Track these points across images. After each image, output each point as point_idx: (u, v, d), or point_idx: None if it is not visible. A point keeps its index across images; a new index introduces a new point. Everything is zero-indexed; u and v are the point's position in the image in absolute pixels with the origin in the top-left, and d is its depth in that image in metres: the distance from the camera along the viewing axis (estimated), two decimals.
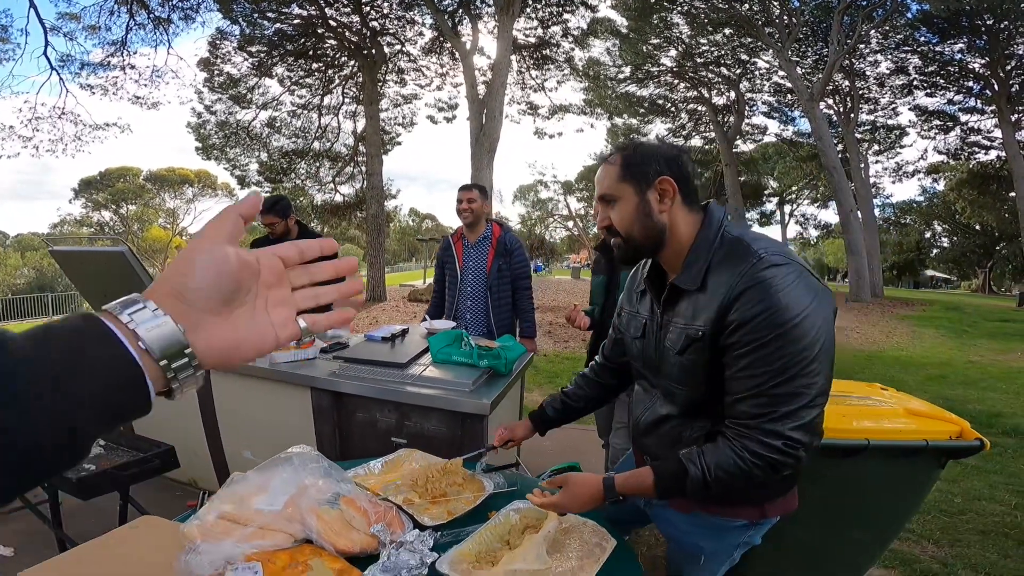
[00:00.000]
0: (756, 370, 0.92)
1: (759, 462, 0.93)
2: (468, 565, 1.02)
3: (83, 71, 13.63)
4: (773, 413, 0.92)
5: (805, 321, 0.90)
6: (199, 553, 0.93)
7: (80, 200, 31.38)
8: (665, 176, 1.03)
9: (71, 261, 2.32)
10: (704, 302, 0.99)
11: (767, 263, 0.93)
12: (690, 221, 1.06)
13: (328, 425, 2.05)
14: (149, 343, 0.35)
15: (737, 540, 1.17)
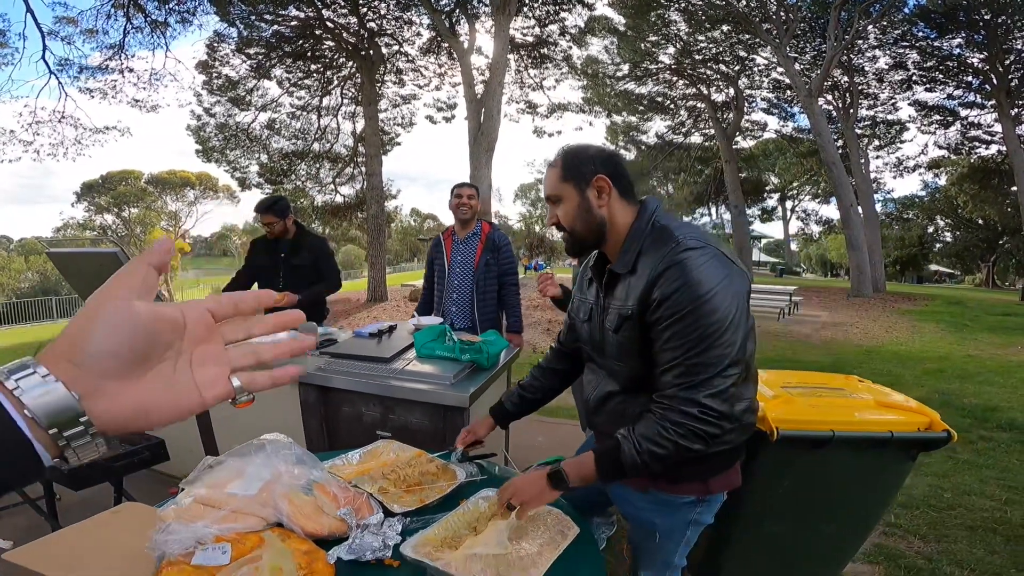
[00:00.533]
0: (675, 342, 1.02)
1: (680, 430, 1.01)
2: (431, 548, 1.06)
3: (82, 75, 13.71)
4: (690, 382, 1.01)
5: (716, 296, 1.00)
6: (170, 533, 0.97)
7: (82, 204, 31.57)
8: (600, 175, 1.15)
9: (68, 263, 2.36)
10: (634, 283, 1.10)
11: (684, 246, 1.03)
12: (626, 213, 1.18)
13: (315, 419, 2.10)
14: (35, 411, 0.33)
15: (687, 517, 1.24)
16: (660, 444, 1.02)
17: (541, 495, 1.11)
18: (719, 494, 1.23)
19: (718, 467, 1.20)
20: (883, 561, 2.25)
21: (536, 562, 1.03)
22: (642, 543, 1.31)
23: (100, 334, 0.36)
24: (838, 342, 8.48)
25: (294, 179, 18.42)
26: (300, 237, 3.20)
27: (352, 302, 13.82)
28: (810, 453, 1.53)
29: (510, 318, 3.06)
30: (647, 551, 1.30)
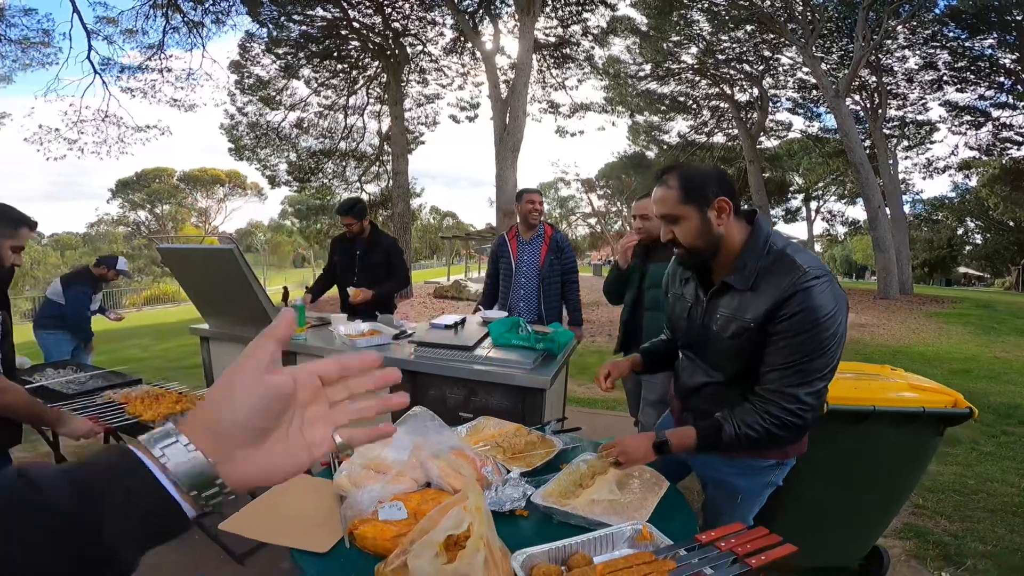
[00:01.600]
0: (791, 351, 1.22)
1: (776, 421, 1.23)
2: (555, 498, 1.30)
3: (123, 74, 14.20)
4: (796, 381, 1.22)
5: (831, 320, 1.20)
6: (358, 496, 1.20)
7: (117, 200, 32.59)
8: (723, 197, 1.28)
9: (176, 258, 2.65)
10: (752, 300, 1.27)
11: (810, 275, 1.21)
12: (740, 231, 1.32)
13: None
14: (179, 476, 0.38)
15: (766, 479, 1.46)
16: (755, 429, 1.24)
17: (646, 456, 1.33)
18: (793, 458, 1.45)
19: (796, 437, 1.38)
20: (913, 537, 2.48)
21: (643, 504, 1.26)
22: (724, 504, 1.51)
23: (234, 407, 0.41)
24: (864, 342, 8.54)
25: (321, 177, 18.87)
26: (374, 237, 3.50)
27: None
28: (852, 426, 1.75)
29: (572, 312, 3.36)
30: (727, 512, 1.50)
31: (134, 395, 2.35)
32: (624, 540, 1.13)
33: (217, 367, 3.03)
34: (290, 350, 2.67)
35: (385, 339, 2.55)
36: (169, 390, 2.44)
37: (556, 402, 2.55)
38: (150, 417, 2.16)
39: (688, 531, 1.23)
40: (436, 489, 1.32)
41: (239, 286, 2.43)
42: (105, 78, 13.93)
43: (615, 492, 1.28)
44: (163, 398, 2.33)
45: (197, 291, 2.78)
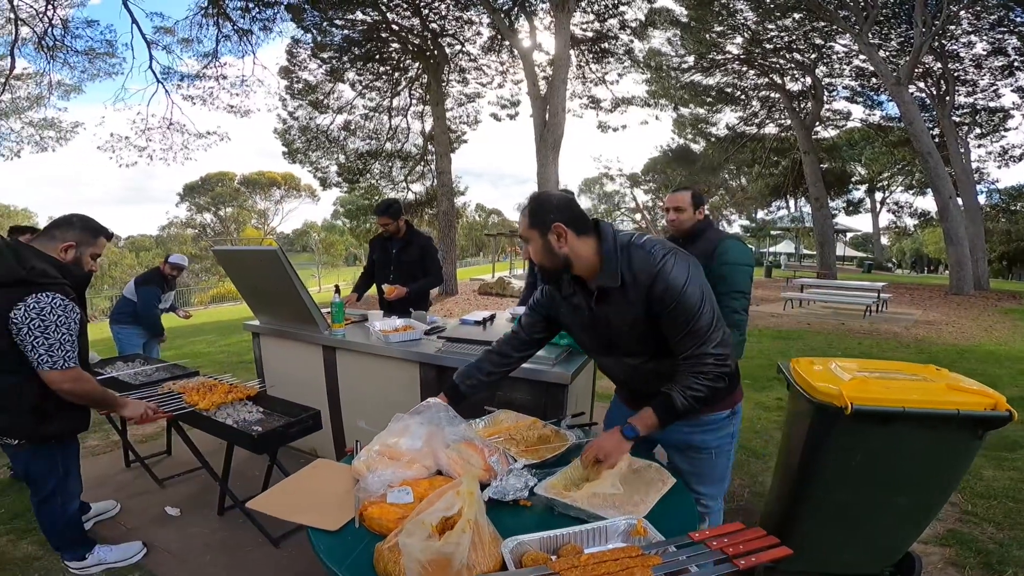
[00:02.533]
0: (676, 322, 1.39)
1: (708, 377, 1.39)
2: (557, 490, 1.36)
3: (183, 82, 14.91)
4: (698, 342, 1.38)
5: (690, 285, 1.37)
6: (370, 479, 1.31)
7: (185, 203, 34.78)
8: (558, 222, 1.41)
9: (229, 259, 2.88)
10: (630, 293, 1.42)
11: (658, 257, 1.38)
12: (588, 245, 1.44)
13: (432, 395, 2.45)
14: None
15: (728, 430, 1.65)
16: (698, 389, 1.39)
17: (619, 446, 1.44)
18: (739, 404, 1.67)
19: (733, 384, 1.62)
20: (955, 544, 2.36)
21: (644, 500, 1.30)
22: (697, 465, 1.66)
23: None
24: (930, 340, 8.07)
25: (369, 178, 19.45)
26: (410, 235, 3.64)
27: None
28: (881, 427, 1.70)
29: None
30: (702, 471, 1.66)
31: (191, 386, 2.57)
32: (618, 534, 1.18)
33: (267, 360, 3.26)
34: (331, 345, 2.84)
35: (417, 334, 2.67)
36: (222, 382, 2.65)
37: (582, 398, 2.59)
38: (205, 406, 2.36)
39: (686, 529, 1.24)
40: (445, 477, 1.41)
41: (284, 285, 2.61)
42: (167, 86, 14.71)
43: (617, 487, 1.32)
44: (216, 388, 2.54)
45: (248, 290, 3.00)
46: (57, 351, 1.76)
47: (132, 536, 2.44)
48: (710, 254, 2.38)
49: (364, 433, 2.85)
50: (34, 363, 1.76)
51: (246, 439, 2.15)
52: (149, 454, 3.27)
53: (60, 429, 1.94)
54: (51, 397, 1.82)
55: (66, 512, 2.08)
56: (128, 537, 2.43)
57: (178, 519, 2.62)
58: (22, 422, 1.85)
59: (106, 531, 2.52)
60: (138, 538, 2.39)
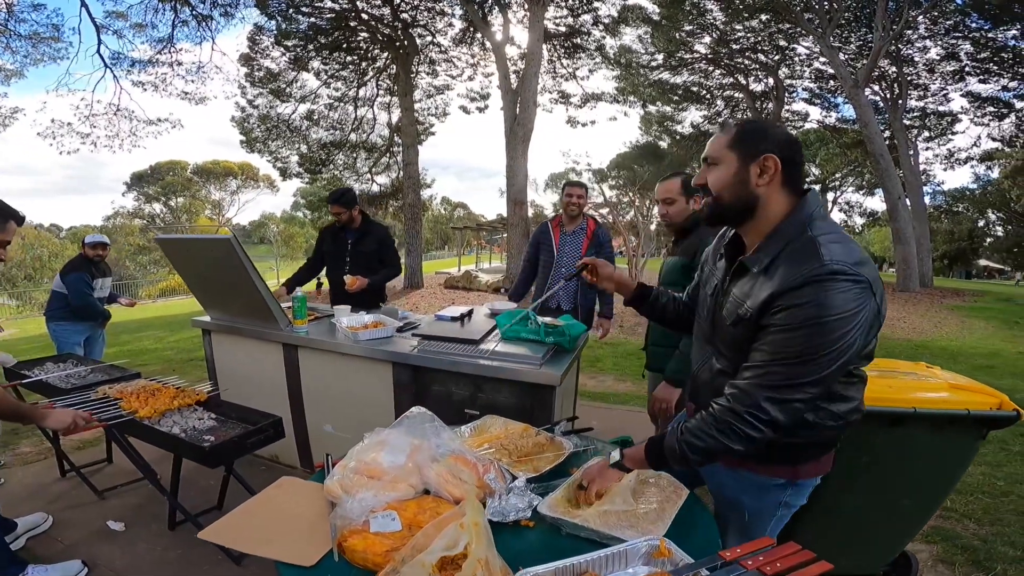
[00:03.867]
0: (775, 347, 1.03)
1: (721, 427, 1.06)
2: (563, 508, 1.20)
3: (134, 68, 14.17)
4: (764, 383, 1.02)
5: (836, 323, 0.97)
6: (348, 504, 1.12)
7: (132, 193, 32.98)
8: (771, 154, 1.09)
9: (176, 248, 2.58)
10: (760, 285, 1.08)
11: (828, 269, 0.99)
12: (783, 203, 1.12)
13: (407, 398, 2.26)
14: None
15: (778, 499, 1.27)
16: (699, 437, 1.08)
17: (602, 473, 1.22)
18: (811, 479, 1.26)
19: (810, 454, 1.21)
20: (940, 541, 2.36)
21: (660, 516, 1.15)
22: (731, 520, 1.34)
23: None
24: (885, 336, 8.33)
25: (332, 169, 18.88)
26: (365, 226, 3.43)
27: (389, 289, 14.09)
28: (890, 429, 1.62)
29: (604, 305, 3.42)
30: (735, 527, 1.34)
31: (130, 390, 2.29)
32: (639, 557, 1.02)
33: (220, 359, 2.97)
34: (292, 343, 2.60)
35: (388, 331, 2.46)
36: (167, 385, 2.38)
37: (567, 399, 2.44)
38: (146, 413, 2.10)
39: (710, 546, 1.12)
40: (434, 497, 1.23)
41: (238, 277, 2.35)
42: (116, 72, 14.00)
43: (629, 502, 1.17)
44: (160, 393, 2.27)
45: (197, 283, 2.71)
46: None
47: (71, 554, 2.19)
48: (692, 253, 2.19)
49: (331, 438, 2.63)
50: None
51: (196, 451, 1.89)
52: (87, 463, 2.96)
53: None
54: None
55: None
56: (66, 555, 2.18)
57: (123, 534, 2.37)
58: None
59: (41, 548, 2.26)
60: (78, 555, 2.15)
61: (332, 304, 3.33)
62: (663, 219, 2.31)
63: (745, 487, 1.28)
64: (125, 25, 13.46)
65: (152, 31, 13.71)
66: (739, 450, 1.06)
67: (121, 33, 13.57)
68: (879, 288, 1.04)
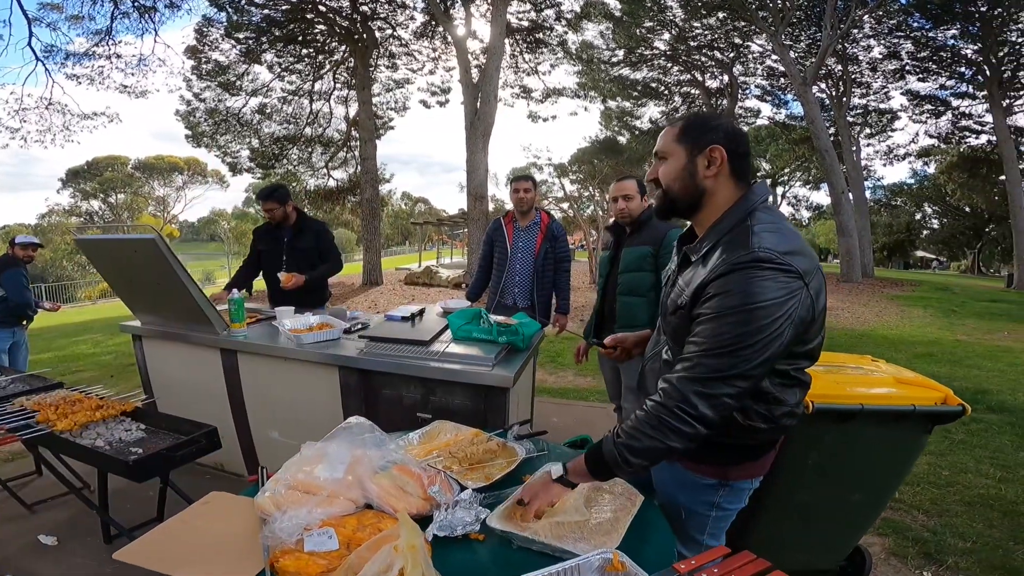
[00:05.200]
0: (701, 338, 1.00)
1: (653, 423, 1.01)
2: (514, 521, 1.13)
3: (68, 61, 13.40)
4: (692, 375, 0.99)
5: (761, 311, 0.94)
6: (280, 522, 1.02)
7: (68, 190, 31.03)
8: (717, 145, 1.08)
9: (96, 249, 2.37)
10: (698, 274, 1.07)
11: (754, 256, 0.97)
12: (730, 194, 1.11)
13: (355, 402, 2.15)
14: None
15: (710, 499, 1.24)
16: (636, 437, 1.03)
17: (545, 488, 1.13)
18: (744, 481, 1.23)
19: (738, 457, 1.19)
20: (891, 533, 2.39)
21: (615, 526, 1.10)
22: (671, 518, 1.29)
23: None
24: (829, 326, 8.65)
25: (286, 163, 18.30)
26: (301, 222, 3.28)
27: (347, 286, 13.80)
28: (838, 425, 1.62)
29: (560, 300, 3.36)
30: (677, 527, 1.29)
31: (48, 401, 2.10)
32: (592, 571, 0.96)
33: (153, 367, 2.77)
34: (231, 348, 2.44)
35: (334, 333, 2.33)
36: (90, 395, 2.19)
37: (523, 399, 2.38)
38: (65, 426, 1.93)
39: (665, 556, 1.08)
40: (376, 512, 1.14)
41: (168, 280, 2.17)
42: (48, 66, 13.12)
43: (582, 511, 1.11)
44: (81, 404, 2.08)
45: (124, 285, 2.50)
46: None
47: None
48: (659, 241, 2.35)
49: (279, 446, 2.49)
50: None
51: (119, 466, 1.75)
52: (14, 475, 2.77)
53: None
54: None
55: None
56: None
57: (55, 549, 2.21)
58: None
59: None
60: (8, 571, 2.03)
61: (272, 305, 3.16)
62: (620, 213, 2.46)
63: (681, 485, 1.26)
64: (60, 17, 12.65)
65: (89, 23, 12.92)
66: (677, 447, 1.01)
67: (55, 25, 12.82)
68: (815, 280, 1.01)
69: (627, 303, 2.43)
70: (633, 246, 2.42)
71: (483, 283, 3.47)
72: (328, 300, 3.44)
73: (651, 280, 2.37)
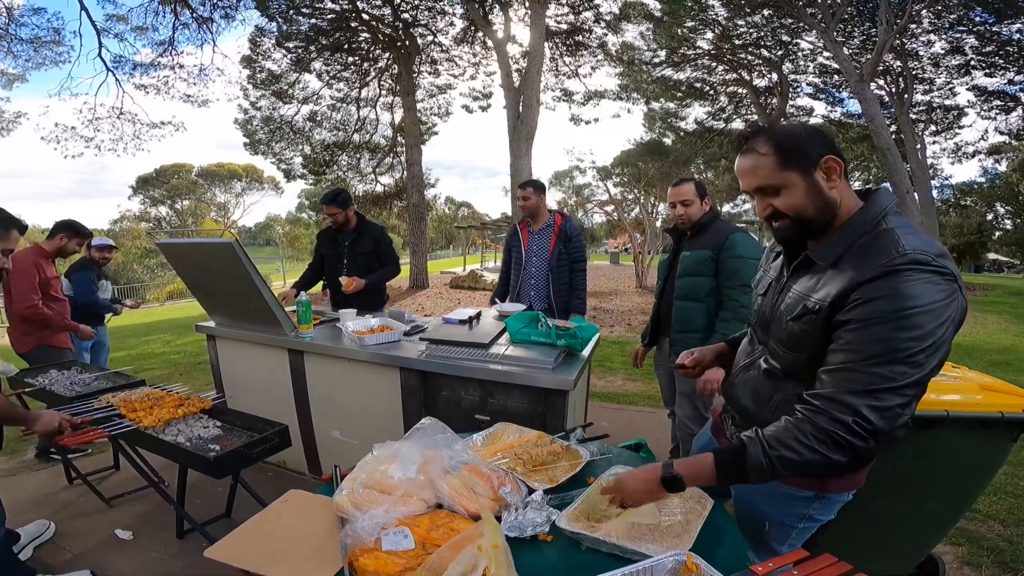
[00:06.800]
0: (858, 346, 0.94)
1: (821, 436, 0.94)
2: (583, 522, 1.14)
3: (136, 71, 14.14)
4: (857, 388, 0.93)
5: (923, 315, 0.90)
6: (360, 521, 1.06)
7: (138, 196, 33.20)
8: (830, 155, 1.05)
9: (177, 253, 2.53)
10: (829, 279, 1.03)
11: (908, 258, 0.93)
12: (850, 197, 1.08)
13: (415, 403, 2.21)
14: None
15: (802, 512, 1.20)
16: (795, 449, 0.96)
17: (651, 495, 1.09)
18: (841, 494, 1.19)
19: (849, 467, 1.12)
20: (965, 543, 2.30)
21: (686, 529, 1.10)
22: (748, 527, 1.27)
23: None
24: None
25: (336, 169, 18.89)
26: (361, 226, 3.39)
27: (395, 289, 14.11)
28: (921, 432, 1.55)
29: (575, 299, 3.34)
30: (752, 536, 1.27)
31: (134, 398, 2.24)
32: (665, 573, 0.97)
33: (225, 365, 2.93)
34: (298, 349, 2.55)
35: (395, 335, 2.41)
36: (170, 393, 2.33)
37: (579, 403, 2.39)
38: (150, 422, 2.05)
39: (738, 559, 1.07)
40: (448, 512, 1.18)
41: (241, 281, 2.30)
42: (118, 75, 13.94)
43: (654, 514, 1.11)
44: (164, 401, 2.23)
45: (200, 288, 2.66)
46: None
47: (78, 563, 2.16)
48: (719, 246, 2.29)
49: (339, 444, 2.59)
50: None
51: (201, 462, 1.83)
52: (94, 470, 2.93)
53: None
54: None
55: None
56: (74, 565, 2.15)
57: (131, 543, 2.33)
58: None
59: (48, 557, 2.22)
60: (85, 565, 2.12)
61: (333, 307, 3.28)
62: (679, 219, 2.43)
63: (769, 495, 1.22)
64: (126, 28, 13.42)
65: (153, 34, 13.69)
66: (841, 462, 0.96)
67: (122, 36, 13.52)
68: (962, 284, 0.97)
69: (683, 308, 2.39)
70: (692, 250, 2.38)
71: (506, 287, 3.52)
72: (385, 303, 3.54)
73: (709, 285, 2.32)
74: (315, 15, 14.49)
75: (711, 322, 2.33)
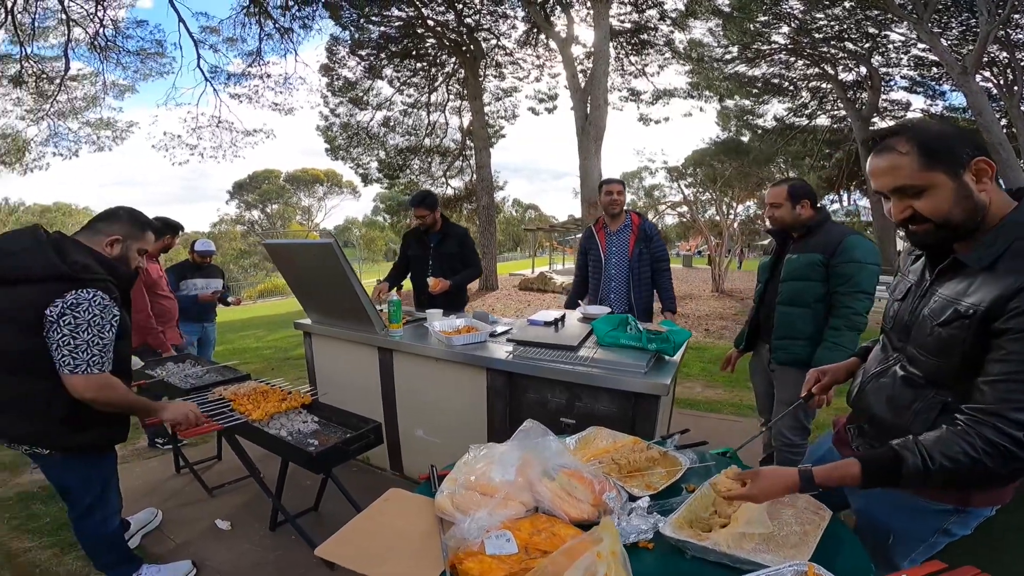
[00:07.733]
0: (1019, 356, 0.91)
1: (990, 450, 0.91)
2: (689, 530, 1.12)
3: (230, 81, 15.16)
4: (1020, 400, 0.90)
5: None
6: (466, 524, 1.08)
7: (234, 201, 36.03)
8: (981, 157, 1.01)
9: (280, 253, 2.73)
10: (985, 282, 0.98)
11: None
12: (1000, 198, 1.03)
13: (501, 404, 2.25)
14: None
15: (937, 525, 1.15)
16: (960, 461, 0.94)
17: (785, 491, 1.09)
18: (985, 508, 1.12)
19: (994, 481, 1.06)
20: None
21: (804, 540, 1.06)
22: (870, 540, 1.22)
23: None
24: None
25: (408, 173, 19.55)
26: (446, 228, 3.49)
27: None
28: None
29: (665, 300, 3.27)
30: (873, 549, 1.20)
31: (242, 392, 2.40)
32: None
33: (319, 362, 3.11)
34: (387, 347, 2.66)
35: (481, 336, 2.46)
36: (274, 387, 2.49)
37: (666, 409, 2.34)
38: (258, 416, 2.16)
39: (861, 572, 1.01)
40: (547, 516, 1.18)
41: (338, 280, 2.44)
42: (215, 85, 14.98)
43: (767, 524, 1.08)
44: (269, 396, 2.37)
45: (300, 286, 2.85)
46: (82, 353, 1.56)
47: (181, 552, 2.30)
48: (832, 250, 2.14)
49: (422, 443, 2.67)
50: (57, 365, 1.57)
51: (303, 457, 1.92)
52: (199, 459, 3.15)
53: (94, 440, 1.76)
54: (86, 405, 1.63)
55: (107, 529, 1.91)
56: (177, 553, 2.29)
57: (228, 534, 2.46)
58: (52, 431, 1.67)
59: (154, 546, 2.38)
60: (187, 554, 2.26)
61: (416, 307, 3.40)
62: (770, 220, 2.35)
63: (899, 507, 1.17)
64: (219, 39, 14.37)
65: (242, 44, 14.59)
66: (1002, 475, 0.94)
67: (216, 47, 14.52)
68: None
69: (787, 314, 2.26)
70: (800, 253, 2.24)
71: (581, 291, 3.48)
72: (467, 303, 3.62)
73: (818, 291, 2.18)
74: (384, 23, 15.05)
75: (818, 329, 2.19)
